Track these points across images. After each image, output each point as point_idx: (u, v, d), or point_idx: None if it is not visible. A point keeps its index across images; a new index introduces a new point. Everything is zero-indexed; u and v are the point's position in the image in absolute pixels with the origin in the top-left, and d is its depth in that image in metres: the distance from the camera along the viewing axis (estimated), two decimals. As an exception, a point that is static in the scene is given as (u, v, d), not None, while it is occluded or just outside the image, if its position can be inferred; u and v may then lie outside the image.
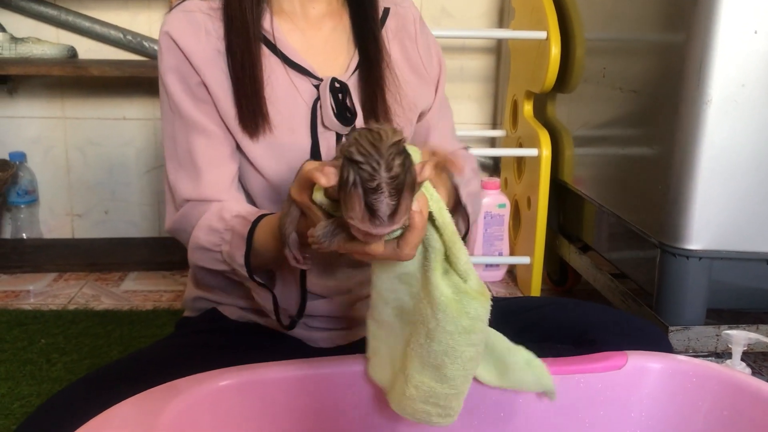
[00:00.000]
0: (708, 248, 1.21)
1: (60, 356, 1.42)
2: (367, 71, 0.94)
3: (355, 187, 0.57)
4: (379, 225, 0.57)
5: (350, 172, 0.57)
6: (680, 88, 1.19)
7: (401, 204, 0.58)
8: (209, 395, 0.74)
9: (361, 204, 0.57)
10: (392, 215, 0.57)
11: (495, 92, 2.21)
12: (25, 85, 2.09)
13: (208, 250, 0.86)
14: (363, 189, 0.57)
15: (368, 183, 0.56)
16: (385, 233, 0.59)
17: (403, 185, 0.57)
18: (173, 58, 0.90)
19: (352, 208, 0.57)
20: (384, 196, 0.56)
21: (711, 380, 0.80)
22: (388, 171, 0.56)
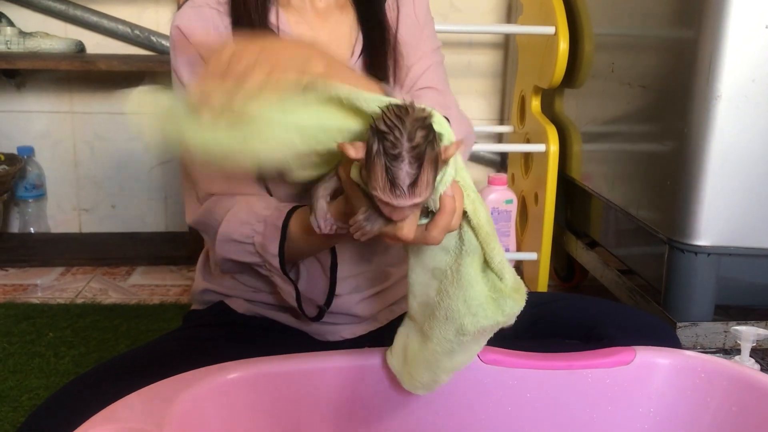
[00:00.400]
0: (717, 244, 1.21)
1: (68, 350, 1.42)
2: (371, 56, 0.96)
3: (378, 156, 0.59)
4: (400, 195, 0.59)
5: (375, 141, 0.59)
6: (690, 83, 1.19)
7: (422, 175, 0.59)
8: (217, 388, 0.75)
9: (383, 173, 0.59)
10: (412, 186, 0.59)
11: (502, 88, 2.20)
12: (33, 79, 2.10)
13: (240, 243, 0.86)
14: (385, 157, 0.58)
15: (390, 151, 0.58)
16: (406, 205, 0.60)
17: (424, 156, 0.59)
18: (186, 52, 0.90)
19: (376, 177, 0.59)
20: (404, 164, 0.58)
21: (720, 376, 0.80)
22: (409, 141, 0.58)
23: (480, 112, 2.20)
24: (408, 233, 0.63)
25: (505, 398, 0.81)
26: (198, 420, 0.72)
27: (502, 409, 0.81)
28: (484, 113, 2.21)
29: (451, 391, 0.79)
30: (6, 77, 2.06)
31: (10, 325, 1.53)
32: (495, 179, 1.92)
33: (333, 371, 0.79)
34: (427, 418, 0.81)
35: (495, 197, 1.91)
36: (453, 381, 0.78)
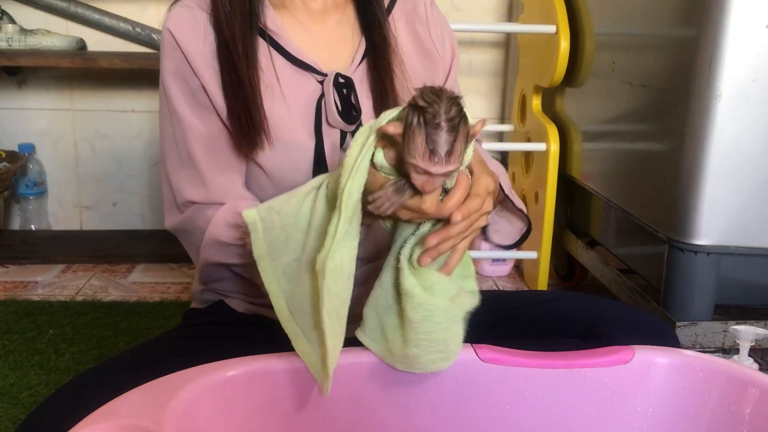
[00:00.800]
0: (716, 244, 1.21)
1: (68, 347, 1.43)
2: (374, 60, 0.93)
3: (419, 127, 0.65)
4: (438, 162, 0.66)
5: (415, 115, 0.66)
6: (690, 82, 1.18)
7: (456, 144, 0.66)
8: (216, 385, 0.74)
9: (423, 141, 0.65)
10: (449, 154, 0.66)
11: (503, 86, 2.20)
12: (34, 77, 2.10)
13: (228, 245, 0.86)
14: (426, 127, 0.65)
15: (431, 121, 0.65)
16: (441, 172, 0.66)
17: (459, 128, 0.66)
18: (175, 60, 0.88)
19: (415, 146, 0.66)
20: (444, 132, 0.65)
21: (718, 375, 0.79)
22: (446, 113, 0.65)
23: (481, 110, 2.20)
24: (431, 206, 0.69)
25: (504, 397, 0.80)
26: (196, 417, 0.72)
27: (500, 408, 0.81)
28: (484, 112, 2.20)
29: (450, 389, 0.79)
30: (7, 74, 2.06)
31: (10, 322, 1.53)
32: (495, 178, 1.91)
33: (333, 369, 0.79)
34: (426, 417, 0.80)
35: (495, 196, 1.90)
36: (451, 379, 0.78)
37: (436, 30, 1.00)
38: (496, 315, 0.95)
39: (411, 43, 0.98)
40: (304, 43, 0.93)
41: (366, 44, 0.94)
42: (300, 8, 0.94)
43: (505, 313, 0.95)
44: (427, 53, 0.99)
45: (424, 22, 0.99)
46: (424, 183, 0.67)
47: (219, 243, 0.87)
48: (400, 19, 0.98)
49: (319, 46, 0.94)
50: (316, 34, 0.94)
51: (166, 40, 0.89)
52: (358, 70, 0.93)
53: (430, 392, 0.79)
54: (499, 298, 1.00)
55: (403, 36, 0.98)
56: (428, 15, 1.00)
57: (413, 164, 0.66)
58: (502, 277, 1.98)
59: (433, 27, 1.00)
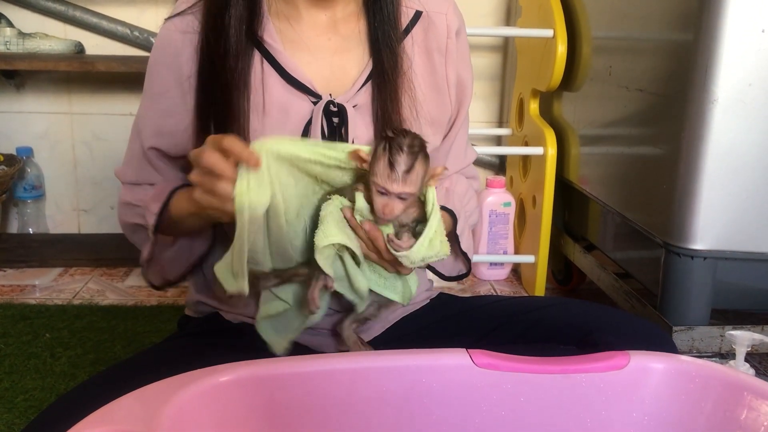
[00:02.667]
0: (713, 248, 1.20)
1: (64, 350, 1.42)
2: (380, 84, 0.86)
3: (383, 150, 0.75)
4: (395, 180, 0.74)
5: (381, 143, 0.75)
6: (687, 87, 1.18)
7: (416, 167, 0.75)
8: (209, 391, 0.74)
9: (385, 162, 0.74)
10: (407, 173, 0.74)
11: (501, 90, 2.19)
12: (32, 80, 2.09)
13: (132, 205, 0.91)
14: (389, 151, 0.74)
15: (394, 146, 0.74)
16: (398, 191, 0.74)
17: (418, 155, 0.75)
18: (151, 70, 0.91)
19: (378, 167, 0.75)
20: (404, 155, 0.74)
21: (714, 381, 0.79)
22: (410, 142, 0.75)
23: (479, 114, 2.20)
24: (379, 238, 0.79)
25: (499, 402, 0.80)
26: (189, 423, 0.71)
27: (495, 413, 0.80)
28: (482, 116, 2.20)
29: (445, 394, 0.79)
30: (5, 78, 2.05)
31: (7, 325, 1.53)
32: (493, 182, 1.92)
33: (327, 374, 0.78)
34: (421, 422, 0.80)
35: (493, 200, 1.91)
36: (446, 384, 0.78)
37: (453, 70, 0.93)
38: (492, 321, 0.95)
39: (424, 72, 0.91)
40: (303, 59, 0.87)
41: (373, 65, 0.87)
42: (304, 20, 0.87)
43: (501, 319, 0.95)
44: (438, 90, 0.93)
45: (442, 53, 0.92)
46: (384, 206, 0.75)
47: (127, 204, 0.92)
48: (418, 42, 0.91)
49: (321, 63, 0.88)
50: (318, 50, 0.88)
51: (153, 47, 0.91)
52: (362, 94, 0.88)
53: (424, 397, 0.78)
54: (495, 303, 1.00)
55: (418, 61, 0.90)
56: (449, 47, 0.92)
57: (374, 183, 0.75)
58: (500, 281, 1.98)
59: (452, 65, 0.92)
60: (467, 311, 0.99)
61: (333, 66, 0.89)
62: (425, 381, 0.78)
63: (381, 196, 0.76)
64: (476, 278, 1.98)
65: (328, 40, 0.89)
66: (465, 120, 1.00)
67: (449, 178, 0.98)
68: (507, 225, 1.93)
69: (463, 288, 1.91)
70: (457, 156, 1.01)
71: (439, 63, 0.92)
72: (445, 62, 0.92)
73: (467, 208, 0.97)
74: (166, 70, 0.88)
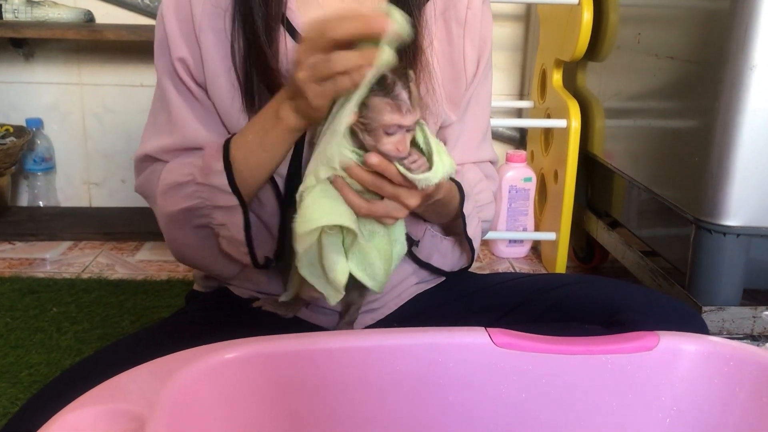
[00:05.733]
0: (747, 224, 1.15)
1: (71, 325, 1.40)
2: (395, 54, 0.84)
3: (375, 95, 0.69)
4: (407, 110, 0.69)
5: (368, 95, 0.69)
6: (722, 53, 1.12)
7: (413, 93, 0.70)
8: (213, 368, 0.71)
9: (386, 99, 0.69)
10: (410, 98, 0.69)
11: (523, 61, 2.14)
12: (41, 49, 2.06)
13: (180, 184, 0.81)
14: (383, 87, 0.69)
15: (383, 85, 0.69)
16: (411, 120, 0.70)
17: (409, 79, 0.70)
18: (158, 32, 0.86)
19: (379, 108, 0.69)
20: (399, 84, 0.69)
21: (750, 365, 0.74)
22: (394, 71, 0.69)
23: (499, 86, 2.15)
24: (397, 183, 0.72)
25: (519, 384, 0.76)
26: (192, 401, 0.69)
27: (515, 396, 0.77)
28: (503, 88, 2.15)
29: (462, 374, 0.75)
30: (13, 47, 2.02)
31: (14, 299, 1.51)
32: (513, 156, 1.88)
33: (338, 352, 0.75)
34: (436, 403, 0.77)
35: (513, 175, 1.87)
36: (463, 364, 0.75)
37: (472, 44, 0.88)
38: (512, 299, 0.91)
39: (442, 43, 0.87)
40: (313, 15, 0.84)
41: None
42: None
43: (522, 297, 0.91)
44: (454, 64, 0.88)
45: (461, 24, 0.87)
46: (397, 144, 0.70)
47: (172, 185, 0.81)
48: (438, 9, 0.86)
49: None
50: (330, 9, 0.84)
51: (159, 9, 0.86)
52: None
53: (440, 378, 0.75)
54: (516, 281, 0.96)
55: (435, 31, 0.86)
56: (468, 19, 0.87)
57: (383, 125, 0.69)
58: (519, 258, 1.94)
59: (470, 39, 0.87)
60: (486, 288, 0.95)
61: None
62: (441, 361, 0.75)
63: (389, 137, 0.70)
64: (494, 256, 1.95)
65: (341, 2, 0.85)
66: (478, 104, 0.92)
67: (460, 165, 0.92)
68: (527, 201, 1.89)
69: (481, 266, 1.87)
70: (467, 146, 0.93)
71: (457, 35, 0.87)
72: (464, 34, 0.87)
73: (478, 198, 0.92)
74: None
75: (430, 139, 0.73)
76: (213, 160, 0.78)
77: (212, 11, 0.82)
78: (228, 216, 0.80)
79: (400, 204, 0.73)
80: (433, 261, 0.93)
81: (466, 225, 0.88)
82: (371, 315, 0.92)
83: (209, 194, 0.79)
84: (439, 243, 0.93)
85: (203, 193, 0.80)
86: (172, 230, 0.84)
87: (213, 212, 0.80)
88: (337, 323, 0.89)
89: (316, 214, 0.71)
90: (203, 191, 0.80)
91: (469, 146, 0.93)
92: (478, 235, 0.92)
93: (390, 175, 0.70)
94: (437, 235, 0.92)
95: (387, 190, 0.72)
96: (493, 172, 0.98)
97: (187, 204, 0.81)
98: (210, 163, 0.79)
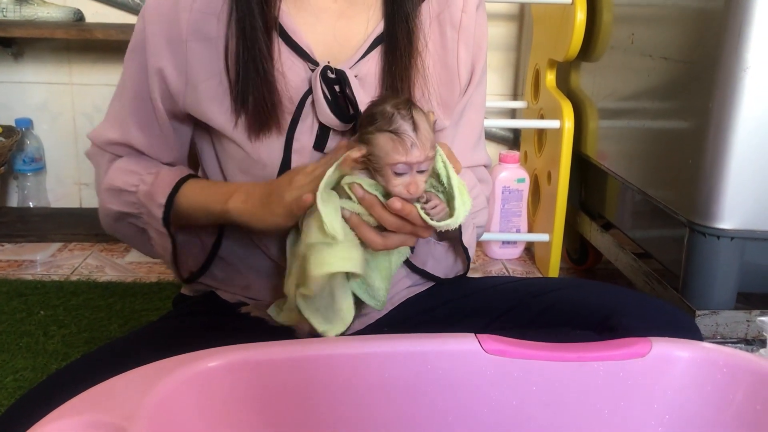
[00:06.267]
0: (741, 228, 1.14)
1: (58, 329, 1.38)
2: (391, 52, 0.81)
3: (379, 130, 0.66)
4: (414, 146, 0.65)
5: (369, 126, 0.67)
6: (716, 53, 1.11)
7: (422, 128, 0.66)
8: (196, 377, 0.69)
9: (391, 136, 0.65)
10: (419, 134, 0.65)
11: (516, 61, 2.13)
12: (30, 49, 2.04)
13: (123, 192, 0.83)
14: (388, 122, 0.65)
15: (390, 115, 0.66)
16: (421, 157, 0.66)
17: (412, 112, 0.66)
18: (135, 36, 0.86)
19: (385, 145, 0.65)
20: (407, 117, 0.66)
21: (744, 371, 0.74)
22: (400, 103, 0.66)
23: (492, 87, 2.13)
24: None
25: (510, 391, 0.75)
26: (173, 412, 0.67)
27: (506, 404, 0.75)
28: (496, 88, 2.14)
29: (451, 382, 0.74)
30: (2, 46, 2.00)
31: (1, 302, 1.49)
32: (507, 157, 1.86)
33: (325, 360, 0.74)
34: (426, 410, 0.76)
35: (506, 176, 1.86)
36: (452, 372, 0.73)
37: (466, 48, 0.86)
38: (504, 303, 0.90)
39: (436, 46, 0.85)
40: (304, 21, 0.81)
41: (385, 31, 0.81)
42: None
43: (513, 301, 0.90)
44: (448, 68, 0.86)
45: (456, 28, 0.85)
46: (408, 185, 0.67)
47: (115, 189, 0.84)
48: (433, 12, 0.84)
49: (323, 27, 0.82)
50: (321, 12, 0.82)
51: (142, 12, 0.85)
52: (366, 63, 0.82)
53: (428, 386, 0.74)
54: (507, 285, 0.95)
55: (430, 34, 0.84)
56: (463, 22, 0.85)
57: (389, 165, 0.66)
58: (512, 260, 1.93)
59: (464, 43, 0.85)
60: (477, 292, 0.94)
61: (336, 31, 0.83)
62: (430, 368, 0.74)
63: (399, 177, 0.67)
64: (487, 257, 1.93)
65: (334, 2, 0.83)
66: (473, 108, 0.91)
67: None
68: (520, 202, 1.88)
69: (475, 267, 1.85)
70: (461, 151, 0.90)
71: (451, 38, 0.85)
72: (458, 38, 0.85)
73: (473, 204, 0.90)
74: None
75: (452, 179, 0.71)
76: (159, 192, 0.82)
77: (200, 17, 0.81)
78: (158, 237, 0.84)
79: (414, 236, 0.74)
80: (428, 267, 0.92)
81: (462, 234, 0.87)
82: (361, 320, 0.91)
83: (147, 214, 0.83)
84: (433, 249, 0.92)
85: (142, 209, 0.83)
86: (111, 224, 0.89)
87: (147, 226, 0.84)
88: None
89: (330, 258, 0.70)
90: (142, 208, 0.83)
91: (463, 151, 0.92)
92: (473, 242, 0.91)
93: (412, 219, 0.70)
94: (431, 241, 0.91)
95: (407, 229, 0.72)
96: (486, 176, 0.97)
97: (127, 209, 0.84)
98: (155, 193, 0.81)
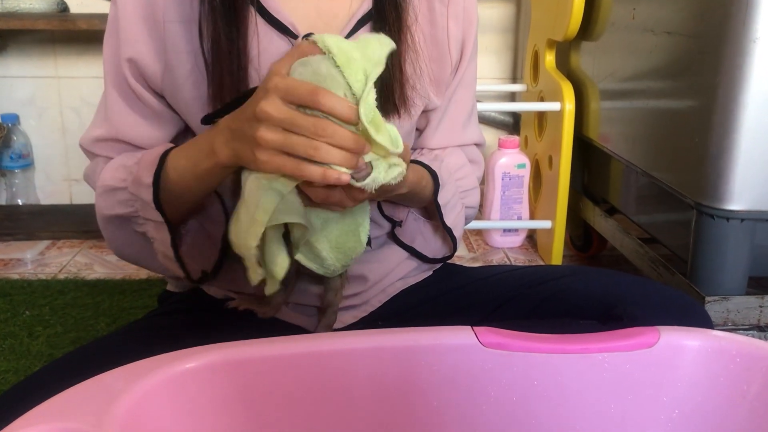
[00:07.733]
0: (751, 209, 1.11)
1: (43, 329, 1.35)
2: (379, 31, 0.76)
3: None
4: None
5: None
6: (723, 25, 1.07)
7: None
8: (172, 379, 0.65)
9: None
10: None
11: (515, 43, 2.10)
12: (14, 42, 2.01)
13: (115, 190, 0.77)
14: None
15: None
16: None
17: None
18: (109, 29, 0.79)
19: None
20: None
21: (759, 361, 0.70)
22: None
23: (491, 70, 2.11)
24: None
25: (510, 386, 0.73)
26: (149, 417, 0.64)
27: (506, 399, 0.73)
28: (495, 71, 2.12)
29: (446, 378, 0.72)
30: (-15, 40, 1.97)
31: (-14, 302, 1.46)
32: (506, 142, 1.83)
33: (313, 357, 0.71)
34: (421, 406, 0.73)
35: (506, 161, 1.83)
36: (449, 367, 0.71)
37: (456, 22, 0.83)
38: (502, 294, 0.87)
39: (423, 21, 0.82)
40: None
41: (373, 5, 0.78)
42: None
43: (512, 291, 0.87)
44: (437, 44, 0.83)
45: (444, 2, 0.83)
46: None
47: (108, 189, 0.78)
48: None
49: (306, 4, 0.79)
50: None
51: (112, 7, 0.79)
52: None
53: (424, 381, 0.71)
54: (506, 274, 0.92)
55: (419, 8, 0.82)
56: None
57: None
58: (514, 248, 1.89)
59: (454, 17, 0.83)
60: (474, 283, 0.91)
61: (320, 8, 0.79)
62: (425, 363, 0.71)
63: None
64: (489, 246, 1.90)
65: None
66: (463, 85, 0.88)
67: (442, 149, 0.89)
68: (521, 188, 1.85)
69: (475, 256, 1.82)
70: (451, 128, 0.89)
71: (440, 13, 0.82)
72: (447, 12, 0.83)
73: (461, 184, 0.88)
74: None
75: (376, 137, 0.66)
76: (145, 173, 0.76)
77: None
78: (156, 231, 0.78)
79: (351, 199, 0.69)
80: (416, 245, 0.90)
81: (443, 215, 0.85)
82: (353, 312, 0.88)
83: (141, 205, 0.77)
84: (422, 226, 0.90)
85: (136, 203, 0.77)
86: (111, 230, 0.81)
87: (146, 223, 0.78)
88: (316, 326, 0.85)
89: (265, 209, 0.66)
90: (135, 201, 0.77)
91: (453, 128, 0.90)
92: (460, 223, 0.89)
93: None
94: (420, 219, 0.89)
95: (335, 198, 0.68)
96: (478, 155, 0.94)
97: (122, 210, 0.78)
98: (141, 175, 0.76)
